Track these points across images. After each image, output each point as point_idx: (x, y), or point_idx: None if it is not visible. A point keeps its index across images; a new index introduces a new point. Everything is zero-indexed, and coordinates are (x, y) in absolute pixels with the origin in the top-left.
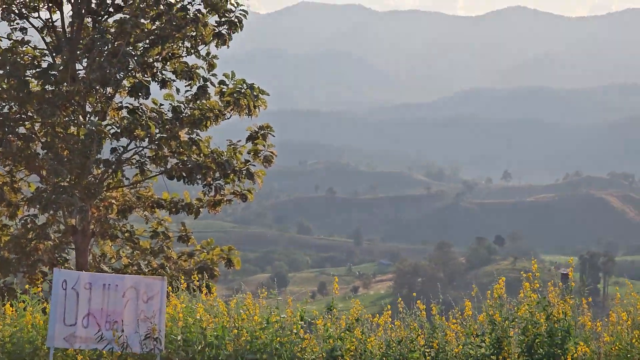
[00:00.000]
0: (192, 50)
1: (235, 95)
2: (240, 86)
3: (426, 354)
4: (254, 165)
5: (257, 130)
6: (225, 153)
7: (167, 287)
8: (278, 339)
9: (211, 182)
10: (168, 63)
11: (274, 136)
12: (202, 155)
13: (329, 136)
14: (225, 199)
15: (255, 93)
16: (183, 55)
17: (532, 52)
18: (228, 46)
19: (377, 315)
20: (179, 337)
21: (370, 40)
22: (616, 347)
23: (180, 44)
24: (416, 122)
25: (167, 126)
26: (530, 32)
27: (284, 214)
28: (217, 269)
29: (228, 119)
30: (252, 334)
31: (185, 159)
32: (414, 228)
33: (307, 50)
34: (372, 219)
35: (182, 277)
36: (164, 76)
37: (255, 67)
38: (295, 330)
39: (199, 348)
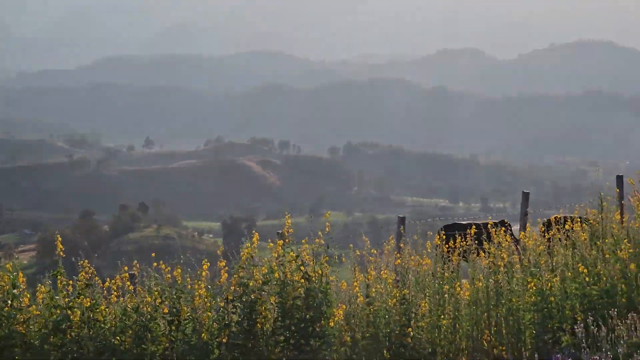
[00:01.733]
0: None
1: None
2: None
3: (170, 321)
4: None
5: None
6: None
7: None
8: None
9: None
10: None
11: None
12: None
13: None
14: None
15: None
16: None
17: (174, 19)
18: None
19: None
20: None
21: (11, 6)
22: (374, 308)
23: None
24: (57, 90)
25: None
26: None
27: None
28: None
29: None
30: None
31: None
32: (56, 197)
33: None
34: (13, 189)
35: None
36: None
37: None
38: (11, 302)
39: None
